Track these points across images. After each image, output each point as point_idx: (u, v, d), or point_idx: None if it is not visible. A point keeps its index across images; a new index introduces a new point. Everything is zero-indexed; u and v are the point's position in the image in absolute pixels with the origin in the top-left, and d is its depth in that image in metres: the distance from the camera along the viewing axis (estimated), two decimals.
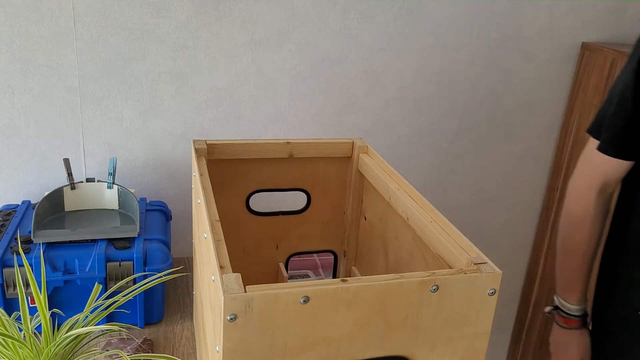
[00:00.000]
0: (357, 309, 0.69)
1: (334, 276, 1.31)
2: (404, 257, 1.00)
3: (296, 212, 1.22)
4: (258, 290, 0.65)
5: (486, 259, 0.76)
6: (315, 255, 1.59)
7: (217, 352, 0.69)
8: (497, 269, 0.73)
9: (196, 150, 1.07)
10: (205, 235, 0.82)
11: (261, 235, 1.22)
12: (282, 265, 1.26)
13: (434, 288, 0.71)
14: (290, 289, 0.66)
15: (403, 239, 1.00)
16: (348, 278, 0.69)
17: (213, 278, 0.71)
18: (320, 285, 0.67)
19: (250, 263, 1.24)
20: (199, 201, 0.93)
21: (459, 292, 0.72)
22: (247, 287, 0.65)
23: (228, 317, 0.64)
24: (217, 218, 0.83)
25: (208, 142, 1.10)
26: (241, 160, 1.14)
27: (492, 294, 0.74)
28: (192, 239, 1.16)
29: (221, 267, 0.70)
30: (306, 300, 0.66)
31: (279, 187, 1.19)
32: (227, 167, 1.14)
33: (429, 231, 0.86)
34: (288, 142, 1.15)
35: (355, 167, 1.18)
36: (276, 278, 1.27)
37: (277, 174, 1.17)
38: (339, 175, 1.21)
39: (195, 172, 1.02)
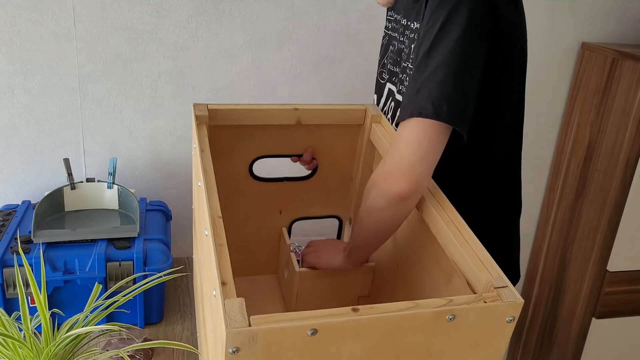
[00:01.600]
0: (368, 340, 0.64)
1: None
2: (415, 247, 0.94)
3: (301, 179, 1.16)
4: (263, 324, 0.59)
5: (507, 280, 0.69)
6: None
7: None
8: (519, 297, 0.67)
9: (197, 117, 0.97)
10: (207, 233, 0.76)
11: (264, 200, 1.16)
12: (284, 230, 1.21)
13: (450, 318, 0.64)
14: (298, 322, 0.60)
15: (415, 228, 0.93)
16: (359, 307, 0.63)
17: (214, 293, 0.66)
18: (330, 317, 0.61)
19: (252, 227, 1.18)
20: (199, 184, 0.85)
21: (476, 321, 0.66)
22: (251, 318, 0.60)
23: (230, 350, 0.59)
24: (219, 214, 0.76)
25: (210, 107, 1.00)
26: (245, 126, 1.05)
27: (511, 321, 0.67)
28: (192, 228, 1.13)
29: (223, 284, 0.64)
30: (314, 332, 0.61)
31: (285, 153, 1.12)
32: (229, 133, 1.05)
33: (445, 233, 0.79)
34: (296, 109, 1.06)
35: (366, 137, 1.10)
36: (278, 243, 1.24)
37: (282, 141, 1.09)
38: (348, 143, 1.13)
39: (195, 144, 0.93)
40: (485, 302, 0.65)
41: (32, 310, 0.88)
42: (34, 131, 1.37)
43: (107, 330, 0.86)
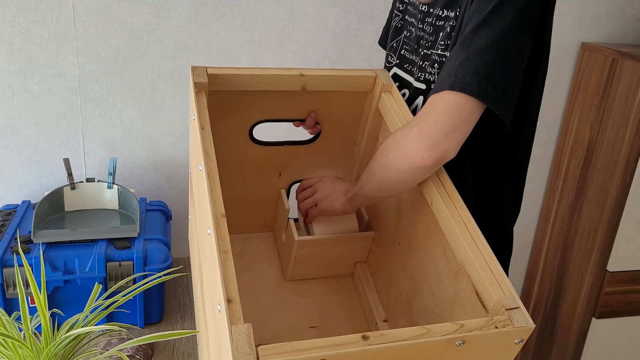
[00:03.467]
0: None
1: None
2: (418, 230, 0.91)
3: (304, 143, 1.12)
4: (272, 356, 0.57)
5: (519, 301, 0.67)
6: None
7: None
8: (530, 321, 0.65)
9: (195, 84, 0.89)
10: (209, 232, 0.72)
11: (264, 163, 1.12)
12: (283, 192, 1.17)
13: (460, 343, 0.63)
14: (307, 354, 0.57)
15: (421, 214, 0.90)
16: (369, 334, 0.61)
17: (219, 308, 0.63)
18: (340, 348, 0.59)
19: (250, 188, 1.14)
20: (200, 168, 0.80)
21: (486, 345, 0.65)
22: (259, 348, 0.57)
23: None
24: (223, 212, 0.72)
25: (209, 71, 0.93)
26: (246, 91, 0.99)
27: (519, 342, 0.67)
28: (189, 214, 1.10)
29: (229, 302, 0.61)
30: None
31: (288, 117, 1.07)
32: (229, 97, 0.99)
33: (455, 234, 0.76)
34: (302, 74, 0.99)
35: (375, 105, 1.05)
36: (276, 204, 1.19)
37: (286, 105, 1.04)
38: (354, 110, 1.08)
39: (194, 116, 0.86)
40: (496, 327, 0.64)
41: (32, 310, 0.87)
42: (34, 131, 1.37)
43: (107, 330, 0.86)
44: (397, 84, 1.12)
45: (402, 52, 1.12)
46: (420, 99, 1.06)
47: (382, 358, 0.61)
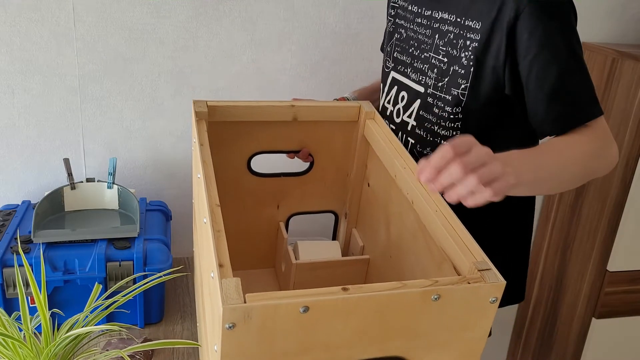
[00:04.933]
0: (357, 318, 0.68)
1: (334, 237, 1.29)
2: (406, 238, 0.97)
3: (298, 174, 1.19)
4: (258, 301, 0.63)
5: (490, 264, 0.73)
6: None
7: (215, 351, 0.69)
8: (501, 278, 0.71)
9: (197, 113, 1.00)
10: (205, 220, 0.79)
11: (262, 195, 1.19)
12: (282, 225, 1.23)
13: (435, 297, 0.69)
14: (290, 299, 0.64)
15: (407, 219, 0.96)
16: (349, 287, 0.67)
17: (212, 275, 0.71)
18: (321, 296, 0.65)
19: (250, 221, 1.20)
20: (199, 176, 0.88)
21: (461, 301, 0.70)
22: (246, 295, 0.64)
23: (227, 326, 0.63)
24: (218, 202, 0.79)
25: (209, 103, 1.03)
26: (243, 122, 1.09)
27: (494, 302, 0.71)
28: (192, 219, 1.14)
29: (220, 266, 0.69)
30: (306, 310, 0.65)
31: (282, 149, 1.15)
32: (228, 128, 1.08)
33: (433, 221, 0.83)
34: (292, 105, 1.09)
35: (360, 133, 1.13)
36: (276, 238, 1.25)
37: (280, 136, 1.13)
38: (343, 140, 1.16)
39: (195, 139, 0.96)
40: (469, 283, 0.69)
41: (32, 310, 0.88)
42: (34, 131, 1.37)
43: (107, 330, 0.86)
44: (396, 87, 1.13)
45: (395, 55, 1.15)
46: (418, 102, 1.07)
47: (361, 308, 0.67)
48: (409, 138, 1.12)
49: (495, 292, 0.70)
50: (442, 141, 1.05)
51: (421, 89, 1.06)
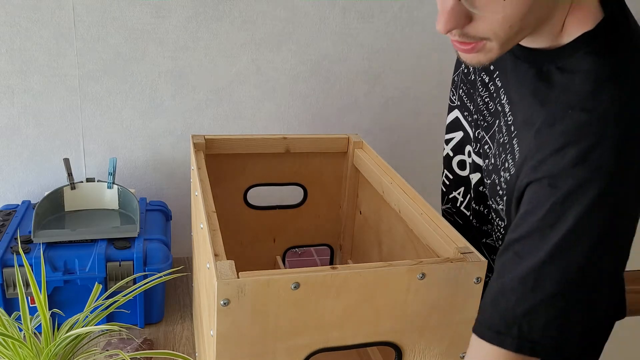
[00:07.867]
0: (347, 295, 0.71)
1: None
2: (396, 249, 1.02)
3: (293, 207, 1.24)
4: (250, 277, 0.67)
5: (472, 248, 0.77)
6: (312, 250, 1.60)
7: (212, 335, 0.71)
8: (483, 258, 0.75)
9: (195, 145, 1.09)
10: (202, 226, 0.84)
11: (258, 228, 1.24)
12: (279, 259, 1.27)
13: (420, 276, 0.73)
14: (281, 275, 0.68)
15: (396, 232, 1.01)
16: (338, 265, 0.72)
17: (208, 265, 0.73)
18: (311, 272, 0.69)
19: (248, 256, 1.24)
20: (196, 193, 0.94)
21: (445, 280, 0.74)
22: (240, 273, 0.67)
23: (221, 302, 0.66)
24: (213, 209, 0.84)
25: (206, 137, 1.12)
26: (239, 155, 1.16)
27: (478, 282, 0.75)
28: (191, 232, 1.18)
29: (215, 255, 0.72)
30: (297, 286, 0.68)
31: (276, 181, 1.21)
32: (224, 161, 1.15)
33: (420, 223, 0.88)
34: (285, 137, 1.16)
35: (350, 162, 1.19)
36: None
37: (274, 169, 1.19)
38: (335, 170, 1.22)
39: (193, 166, 1.03)
40: (452, 262, 0.74)
41: (32, 310, 0.88)
42: (34, 131, 1.37)
43: (107, 330, 0.86)
44: (460, 132, 0.98)
45: (460, 93, 0.97)
46: (477, 175, 0.92)
47: (350, 285, 0.71)
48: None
49: (477, 272, 0.75)
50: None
51: (481, 163, 0.91)
